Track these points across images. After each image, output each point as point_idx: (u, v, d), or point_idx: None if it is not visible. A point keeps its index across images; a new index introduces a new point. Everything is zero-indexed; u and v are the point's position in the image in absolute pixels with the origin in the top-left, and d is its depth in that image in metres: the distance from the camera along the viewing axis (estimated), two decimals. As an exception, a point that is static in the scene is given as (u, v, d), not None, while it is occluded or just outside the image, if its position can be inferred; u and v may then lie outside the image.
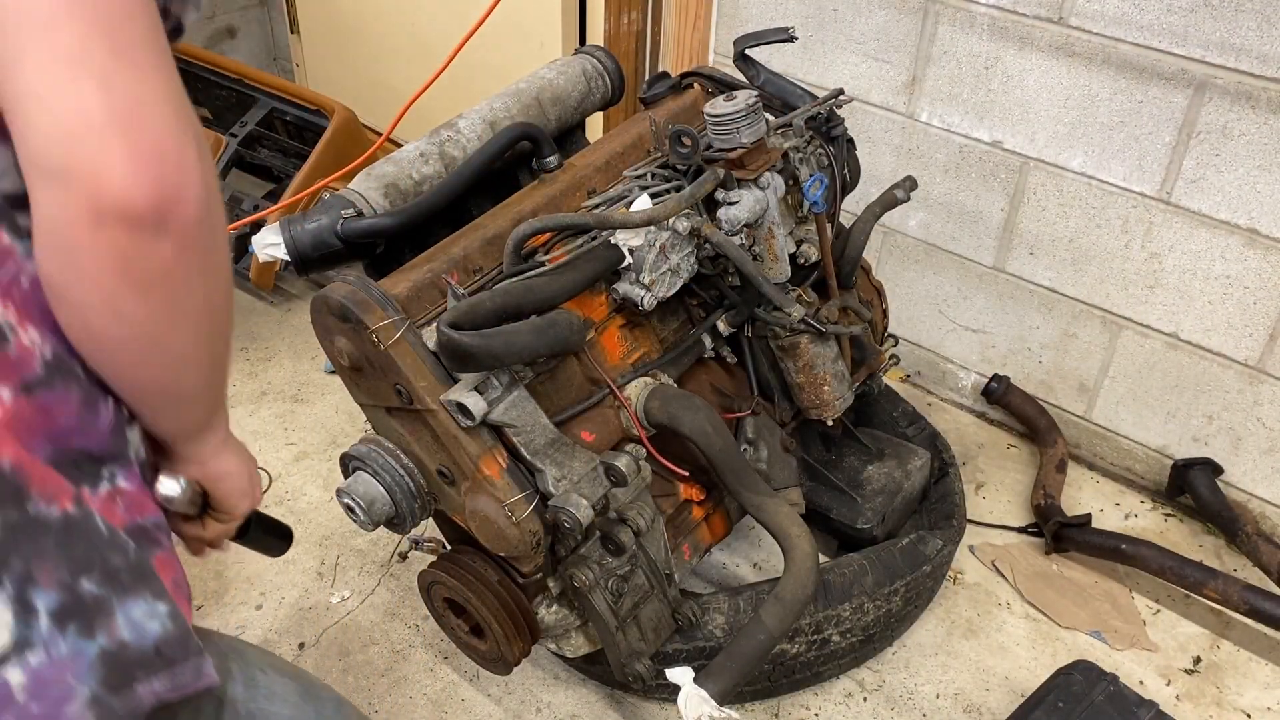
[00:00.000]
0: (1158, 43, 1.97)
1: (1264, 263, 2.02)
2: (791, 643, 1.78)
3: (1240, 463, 2.23)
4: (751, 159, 1.68)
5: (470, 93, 2.02)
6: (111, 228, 0.65)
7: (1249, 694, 1.93)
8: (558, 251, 1.54)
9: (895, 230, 2.52)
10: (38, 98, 0.63)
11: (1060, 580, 2.14)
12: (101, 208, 0.65)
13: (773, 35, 1.91)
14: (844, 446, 2.07)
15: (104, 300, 0.69)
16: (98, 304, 0.69)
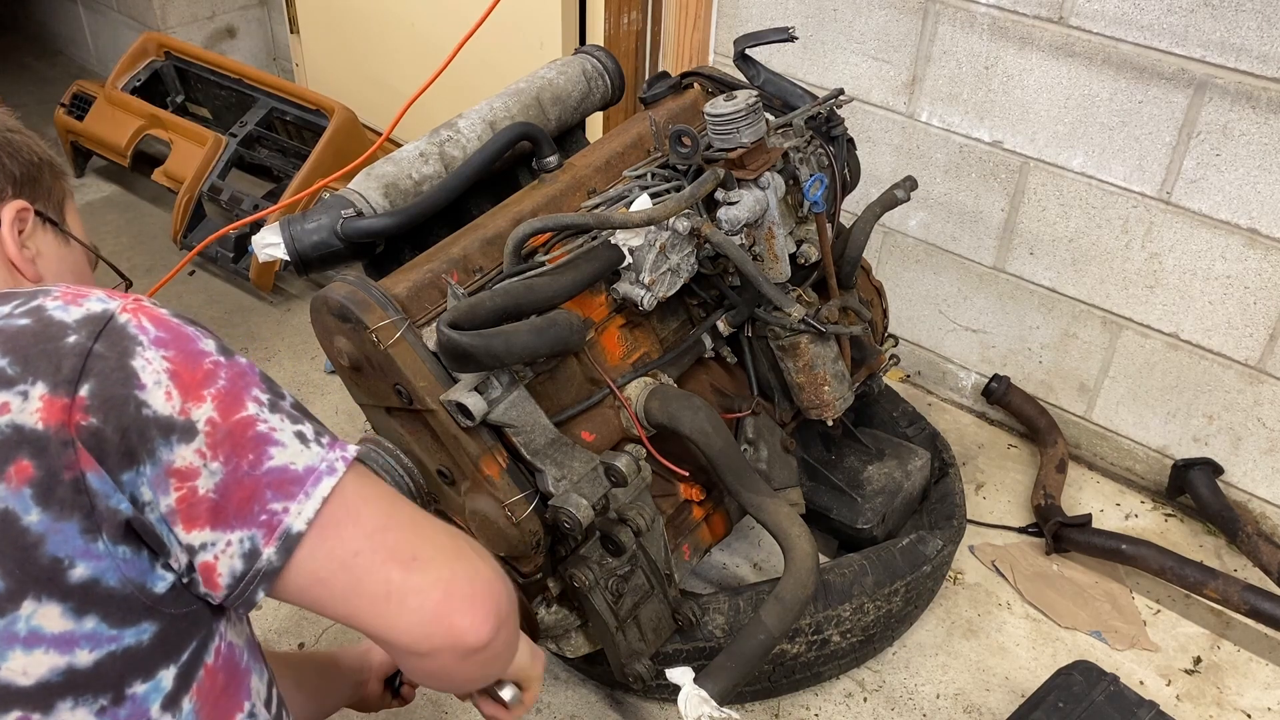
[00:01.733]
0: (1158, 42, 1.97)
1: (1264, 263, 2.02)
2: (791, 643, 1.78)
3: (1240, 463, 2.23)
4: (752, 159, 1.68)
5: (470, 93, 2.02)
6: (472, 657, 0.88)
7: (1249, 694, 1.93)
8: (558, 251, 1.54)
9: (895, 230, 2.52)
10: (393, 602, 0.84)
11: (1060, 580, 2.14)
12: (465, 653, 0.87)
13: (773, 35, 1.91)
14: (844, 446, 2.07)
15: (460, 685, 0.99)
16: (455, 686, 0.98)
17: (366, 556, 0.83)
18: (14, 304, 0.80)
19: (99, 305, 0.80)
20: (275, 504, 0.80)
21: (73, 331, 0.77)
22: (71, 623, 0.75)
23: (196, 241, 2.79)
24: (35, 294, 0.82)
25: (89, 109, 3.19)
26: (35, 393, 0.74)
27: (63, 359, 0.76)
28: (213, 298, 2.95)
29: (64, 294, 0.81)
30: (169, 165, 2.99)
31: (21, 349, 0.76)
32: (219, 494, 0.78)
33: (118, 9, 3.80)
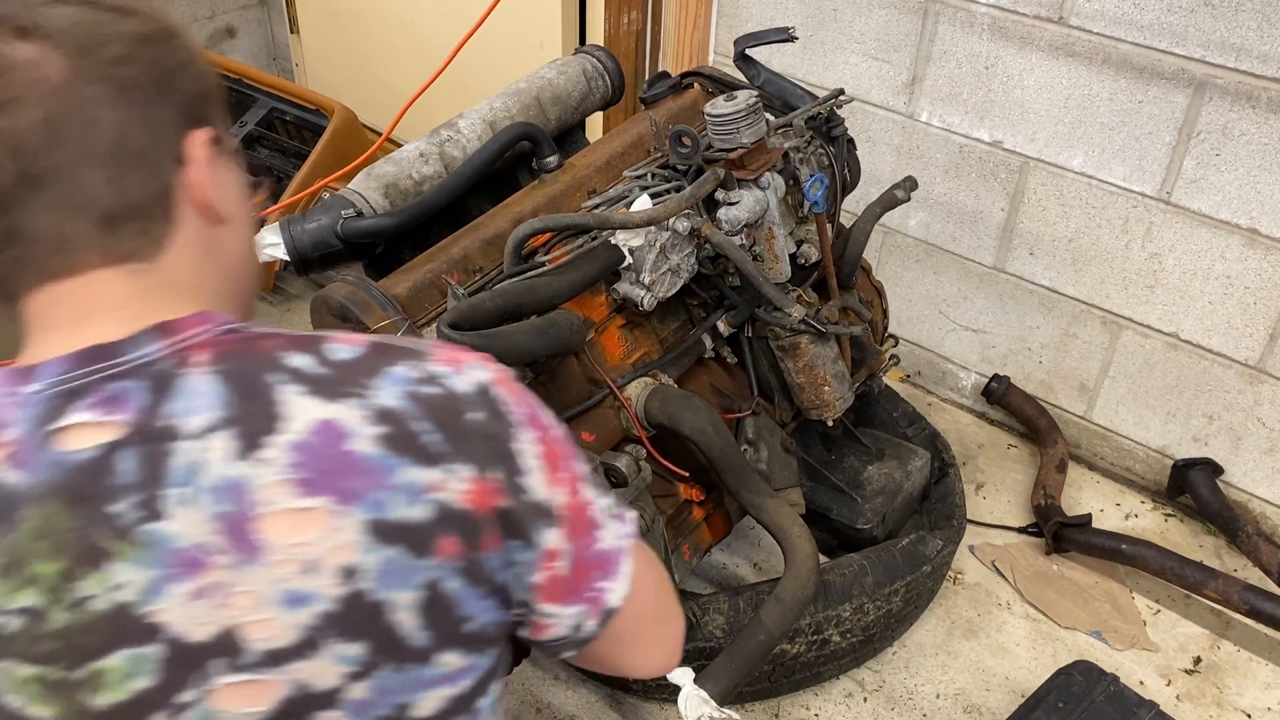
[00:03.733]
0: (1158, 42, 1.97)
1: (1264, 263, 2.02)
2: (791, 643, 1.78)
3: (1240, 463, 2.23)
4: (752, 159, 1.68)
5: (470, 93, 2.02)
6: None
7: (1249, 694, 1.93)
8: (558, 252, 1.54)
9: (895, 230, 2.52)
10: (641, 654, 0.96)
11: (1060, 580, 2.14)
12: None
13: (773, 35, 1.91)
14: (844, 447, 2.07)
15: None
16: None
17: (646, 622, 0.92)
18: (408, 362, 0.78)
19: (478, 374, 0.80)
20: (599, 582, 0.85)
21: (474, 408, 0.78)
22: (464, 662, 0.79)
23: (196, 241, 2.78)
24: (414, 353, 0.79)
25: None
26: (463, 473, 0.75)
27: (477, 440, 0.77)
28: (213, 298, 2.94)
29: (444, 358, 0.80)
30: (169, 165, 2.98)
31: (444, 423, 0.76)
32: (569, 574, 0.83)
33: (117, 9, 3.80)
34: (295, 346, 0.76)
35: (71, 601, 0.70)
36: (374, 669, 0.74)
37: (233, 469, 0.70)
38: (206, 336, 0.76)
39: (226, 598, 0.70)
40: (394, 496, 0.72)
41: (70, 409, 0.71)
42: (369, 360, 0.77)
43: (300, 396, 0.72)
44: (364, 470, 0.72)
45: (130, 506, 0.70)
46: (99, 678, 0.71)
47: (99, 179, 0.74)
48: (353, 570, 0.72)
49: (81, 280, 0.75)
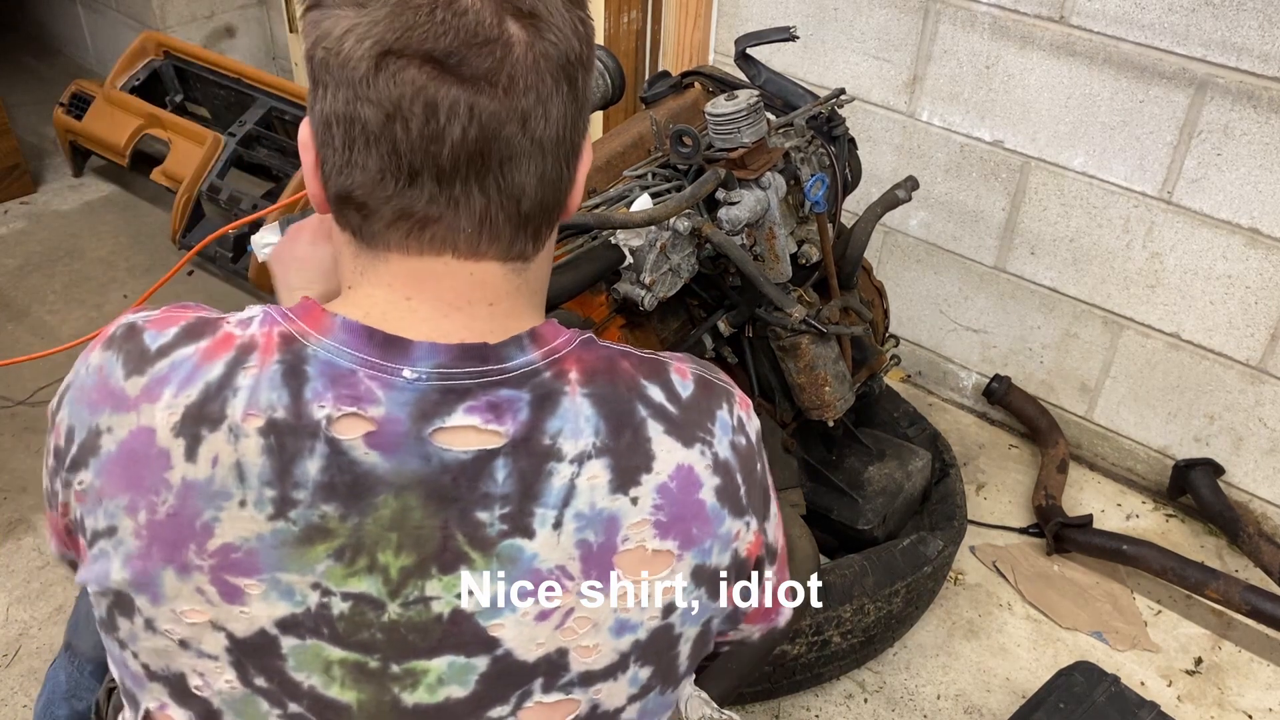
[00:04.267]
0: (1159, 42, 1.97)
1: (1265, 262, 2.02)
2: (792, 644, 1.78)
3: (1242, 463, 2.22)
4: (753, 159, 1.67)
5: (470, 92, 2.02)
6: None
7: (1250, 695, 1.93)
8: (558, 252, 1.54)
9: (896, 230, 2.52)
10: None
11: (1061, 581, 2.14)
12: None
13: (773, 34, 1.91)
14: (845, 447, 2.07)
15: None
16: None
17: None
18: (727, 408, 0.79)
19: (755, 421, 0.83)
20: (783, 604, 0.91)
21: (758, 459, 0.82)
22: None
23: (195, 241, 2.78)
24: (727, 395, 0.81)
25: (88, 108, 3.19)
26: (754, 525, 0.80)
27: (758, 491, 0.81)
28: (212, 297, 2.94)
29: (739, 397, 0.82)
30: (168, 165, 2.98)
31: (749, 478, 0.80)
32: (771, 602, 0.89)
33: (116, 8, 3.80)
34: (646, 373, 0.77)
35: (412, 599, 0.70)
36: (650, 691, 0.77)
37: (606, 501, 0.71)
38: (572, 349, 0.75)
39: (568, 621, 0.71)
40: (717, 544, 0.76)
41: (457, 407, 0.69)
42: (703, 400, 0.78)
43: (663, 435, 0.74)
44: (705, 519, 0.75)
45: (497, 518, 0.69)
46: (416, 677, 0.71)
47: (535, 174, 0.71)
48: (672, 607, 0.75)
49: (475, 267, 0.72)
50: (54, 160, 3.49)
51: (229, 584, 0.69)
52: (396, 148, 0.67)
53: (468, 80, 0.66)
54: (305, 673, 0.70)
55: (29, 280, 2.92)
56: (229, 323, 0.75)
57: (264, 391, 0.69)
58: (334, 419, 0.68)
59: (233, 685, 0.71)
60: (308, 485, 0.68)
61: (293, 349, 0.71)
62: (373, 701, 0.71)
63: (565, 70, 0.70)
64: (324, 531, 0.68)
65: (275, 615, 0.69)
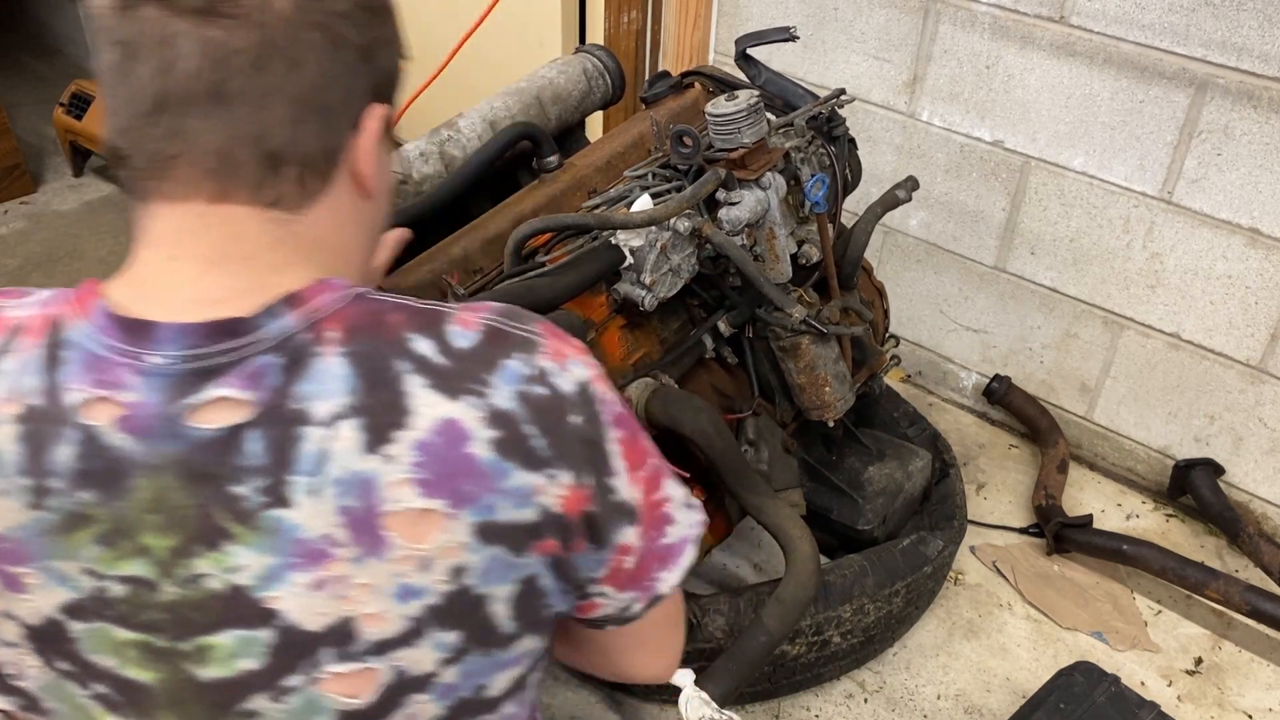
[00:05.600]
0: (1159, 42, 1.97)
1: (1266, 262, 2.02)
2: (792, 644, 1.78)
3: (1242, 463, 2.22)
4: (753, 159, 1.67)
5: (470, 92, 2.02)
6: None
7: (1250, 695, 1.93)
8: (558, 252, 1.54)
9: (896, 230, 2.52)
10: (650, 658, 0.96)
11: (1061, 581, 2.14)
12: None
13: (774, 34, 1.91)
14: (845, 447, 2.07)
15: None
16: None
17: (673, 619, 0.94)
18: (520, 357, 0.77)
19: (580, 371, 0.80)
20: (659, 572, 0.86)
21: (574, 410, 0.78)
22: (536, 645, 0.82)
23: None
24: (528, 343, 0.79)
25: (88, 108, 3.19)
26: (562, 479, 0.76)
27: (576, 445, 0.77)
28: (212, 297, 2.94)
29: (552, 350, 0.79)
30: (168, 165, 2.98)
31: (549, 428, 0.76)
32: (635, 566, 0.84)
33: (117, 8, 3.79)
34: (418, 326, 0.76)
35: (184, 578, 0.70)
36: (465, 654, 0.76)
37: (361, 463, 0.70)
38: (337, 306, 0.75)
39: (346, 590, 0.71)
40: (503, 500, 0.73)
41: (209, 385, 0.70)
42: (486, 351, 0.76)
43: (424, 389, 0.72)
44: (479, 474, 0.72)
45: (254, 490, 0.69)
46: (206, 652, 0.72)
47: (280, 117, 0.73)
48: (461, 569, 0.73)
49: (224, 212, 0.73)
50: (54, 160, 3.49)
51: (8, 573, 0.71)
52: (136, 85, 0.70)
53: (202, 14, 0.69)
54: (100, 655, 0.72)
55: (29, 280, 2.92)
56: (15, 304, 0.76)
57: (23, 377, 0.70)
58: (86, 404, 0.69)
59: (41, 670, 0.74)
60: (63, 473, 0.69)
61: (56, 333, 0.72)
62: (170, 679, 0.72)
63: (326, 24, 0.74)
64: (85, 518, 0.69)
65: (57, 602, 0.71)
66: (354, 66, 0.77)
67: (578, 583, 0.82)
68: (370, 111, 0.80)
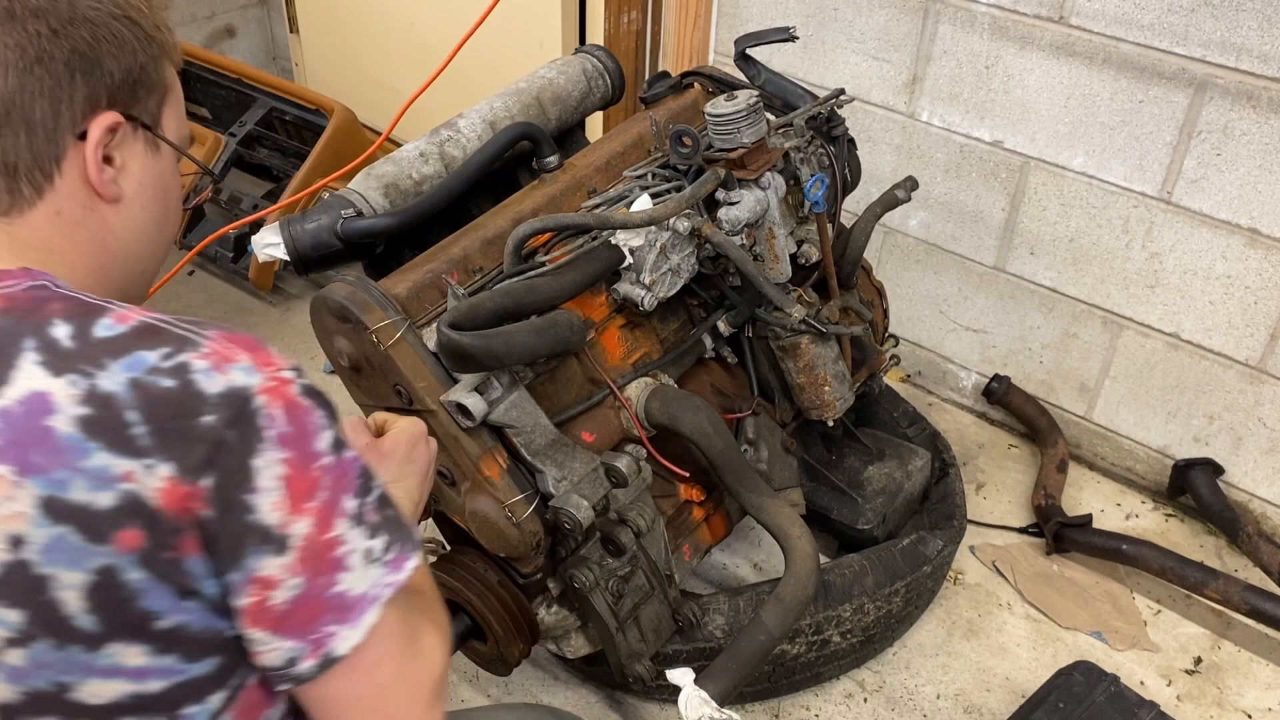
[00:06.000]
0: (1159, 42, 1.97)
1: (1265, 263, 2.02)
2: (792, 643, 1.78)
3: (1241, 463, 2.23)
4: (752, 159, 1.68)
5: (470, 93, 2.02)
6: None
7: (1250, 694, 1.93)
8: (558, 252, 1.54)
9: (896, 230, 2.52)
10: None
11: (1061, 581, 2.14)
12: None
13: (773, 35, 1.91)
14: (844, 447, 2.07)
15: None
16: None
17: (394, 688, 0.87)
18: (163, 350, 0.78)
19: (242, 378, 0.78)
20: (329, 626, 0.81)
21: (210, 410, 0.76)
22: (150, 660, 0.78)
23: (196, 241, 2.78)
24: (184, 340, 0.79)
25: None
26: (162, 471, 0.75)
27: (195, 442, 0.75)
28: (212, 298, 2.94)
29: (212, 351, 0.79)
30: (168, 165, 2.98)
31: (159, 418, 0.75)
32: (289, 607, 0.80)
33: (117, 8, 3.80)
34: (71, 315, 0.79)
35: None
36: (32, 640, 0.75)
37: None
38: (15, 290, 0.80)
39: None
40: (79, 478, 0.73)
41: None
42: (125, 340, 0.78)
43: (35, 366, 0.75)
44: (55, 448, 0.74)
45: None
46: None
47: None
48: (20, 539, 0.74)
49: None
50: (55, 160, 3.49)
51: None
52: None
53: None
54: None
55: None
56: None
57: None
58: None
59: None
60: None
61: None
62: None
63: (21, 44, 0.81)
64: None
65: None
66: (63, 80, 0.83)
67: (207, 597, 0.78)
68: (96, 120, 0.85)
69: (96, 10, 0.86)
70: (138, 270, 0.98)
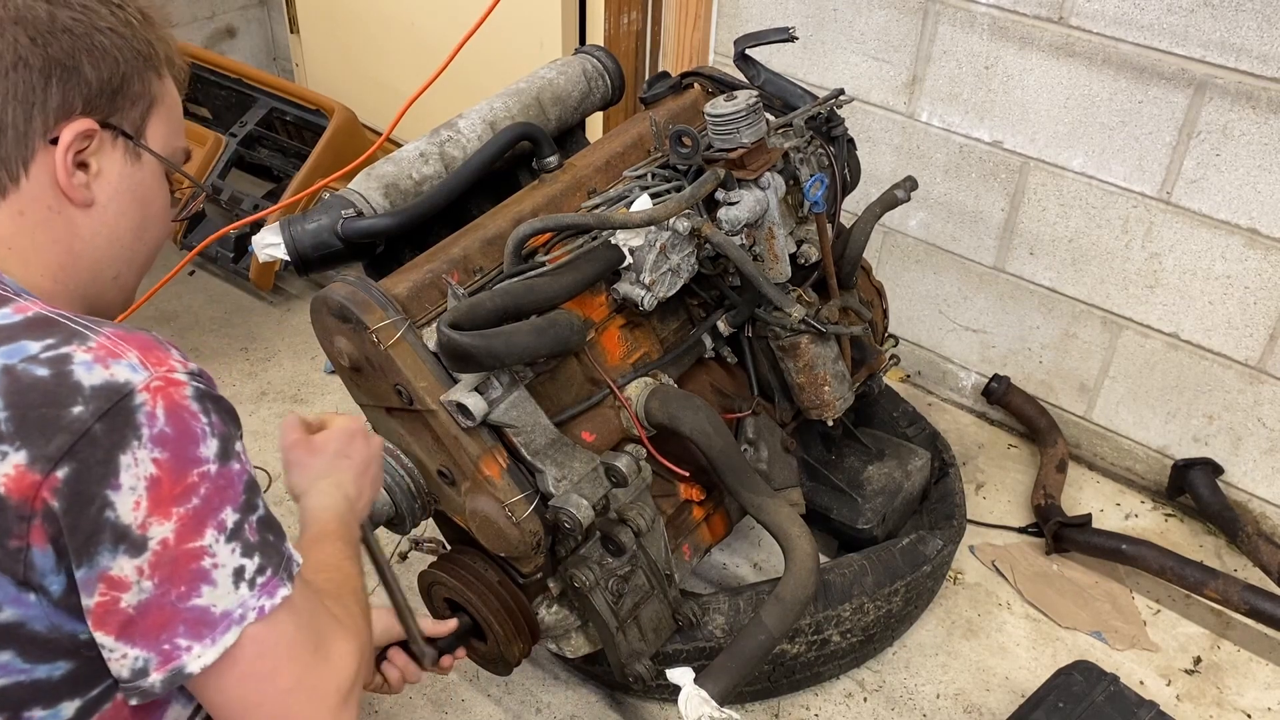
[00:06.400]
0: (1158, 43, 1.97)
1: (1264, 263, 2.02)
2: (792, 643, 1.78)
3: (1240, 463, 2.23)
4: (752, 159, 1.68)
5: (470, 93, 2.02)
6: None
7: (1249, 694, 1.93)
8: (558, 252, 1.54)
9: (895, 230, 2.52)
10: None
11: (1060, 580, 2.14)
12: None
13: (773, 35, 1.91)
14: (844, 447, 2.07)
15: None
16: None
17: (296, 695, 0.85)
18: (48, 341, 0.78)
19: (125, 374, 0.77)
20: (182, 640, 0.79)
21: (81, 402, 0.75)
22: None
23: (197, 241, 2.78)
24: (74, 334, 0.79)
25: None
26: (13, 459, 0.74)
27: (55, 432, 0.75)
28: (213, 298, 2.95)
29: (99, 346, 0.79)
30: (169, 165, 2.98)
31: (23, 405, 0.75)
32: (137, 611, 0.78)
33: (117, 9, 3.80)
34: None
35: None
36: None
37: None
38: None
39: None
40: None
41: None
42: (14, 329, 0.80)
43: None
44: None
45: None
46: None
47: None
48: None
49: None
50: (55, 161, 3.49)
51: None
52: None
53: None
54: None
55: None
56: None
57: None
58: None
59: None
60: None
61: None
62: None
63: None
64: None
65: None
66: (36, 86, 0.86)
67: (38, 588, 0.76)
68: (68, 126, 0.88)
69: (78, 21, 0.88)
70: (108, 275, 0.99)
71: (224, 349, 2.72)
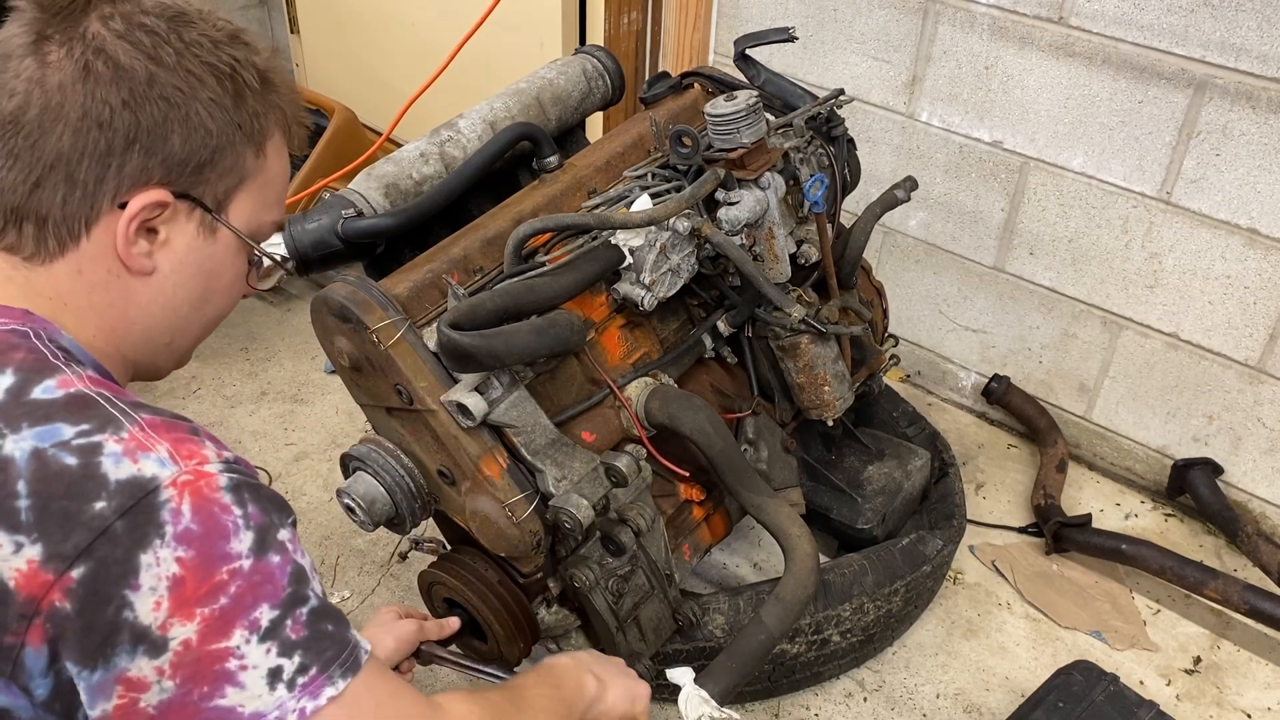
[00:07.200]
0: (1158, 42, 1.97)
1: (1264, 263, 2.02)
2: (792, 643, 1.78)
3: (1240, 463, 2.23)
4: (752, 159, 1.68)
5: (470, 93, 2.02)
6: None
7: (1249, 694, 1.93)
8: (558, 252, 1.54)
9: (895, 230, 2.52)
10: None
11: (1060, 580, 2.14)
12: None
13: (773, 35, 1.91)
14: (844, 447, 2.07)
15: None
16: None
17: None
18: (83, 426, 0.75)
19: (152, 468, 0.74)
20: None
21: (105, 497, 0.72)
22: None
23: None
24: (110, 421, 0.76)
25: None
26: (28, 552, 0.71)
27: (74, 529, 0.71)
28: (213, 298, 2.94)
29: (131, 437, 0.75)
30: (169, 165, 2.98)
31: (46, 495, 0.72)
32: (158, 711, 0.74)
33: (117, 9, 3.79)
34: (24, 368, 0.79)
35: None
36: None
37: None
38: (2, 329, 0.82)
39: None
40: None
41: None
42: (52, 408, 0.76)
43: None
44: None
45: None
46: None
47: (22, 179, 0.83)
48: None
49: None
50: None
51: None
52: None
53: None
54: None
55: None
56: None
57: None
58: None
59: None
60: None
61: None
62: None
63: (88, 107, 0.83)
64: None
65: None
66: (116, 148, 0.84)
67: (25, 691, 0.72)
68: (139, 194, 0.85)
69: (178, 91, 0.84)
70: (161, 342, 0.95)
71: (224, 349, 2.72)
